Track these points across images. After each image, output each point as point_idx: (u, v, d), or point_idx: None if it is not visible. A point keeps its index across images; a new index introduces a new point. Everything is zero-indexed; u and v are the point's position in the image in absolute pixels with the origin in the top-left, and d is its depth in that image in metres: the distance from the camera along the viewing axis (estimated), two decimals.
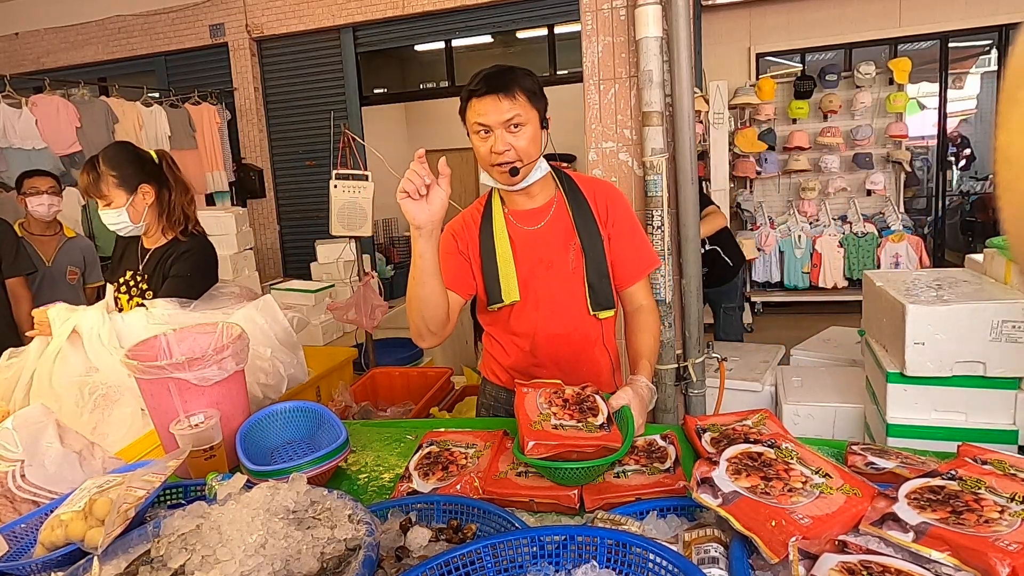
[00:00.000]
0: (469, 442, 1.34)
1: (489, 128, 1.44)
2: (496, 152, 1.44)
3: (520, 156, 1.45)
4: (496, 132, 1.44)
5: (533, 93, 1.46)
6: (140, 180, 1.91)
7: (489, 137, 1.45)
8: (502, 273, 1.55)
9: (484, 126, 1.44)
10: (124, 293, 1.98)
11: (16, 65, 6.84)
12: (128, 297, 1.97)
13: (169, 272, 1.93)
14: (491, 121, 1.43)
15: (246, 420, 1.35)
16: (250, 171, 6.11)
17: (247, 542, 0.83)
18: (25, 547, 1.04)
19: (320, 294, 4.54)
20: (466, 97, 1.47)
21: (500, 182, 1.51)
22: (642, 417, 1.31)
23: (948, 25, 6.02)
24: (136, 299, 1.94)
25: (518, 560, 0.83)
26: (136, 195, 1.91)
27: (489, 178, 1.53)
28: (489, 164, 1.48)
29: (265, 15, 6.07)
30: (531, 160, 1.47)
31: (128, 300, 1.97)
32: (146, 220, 1.96)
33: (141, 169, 1.93)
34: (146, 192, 1.92)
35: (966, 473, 0.91)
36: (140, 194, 1.91)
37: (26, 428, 1.25)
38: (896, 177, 6.20)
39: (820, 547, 0.82)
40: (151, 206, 1.95)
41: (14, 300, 2.77)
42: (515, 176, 1.46)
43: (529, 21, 5.60)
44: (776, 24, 6.42)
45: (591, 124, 2.40)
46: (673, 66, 2.16)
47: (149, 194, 1.93)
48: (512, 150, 1.44)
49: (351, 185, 4.14)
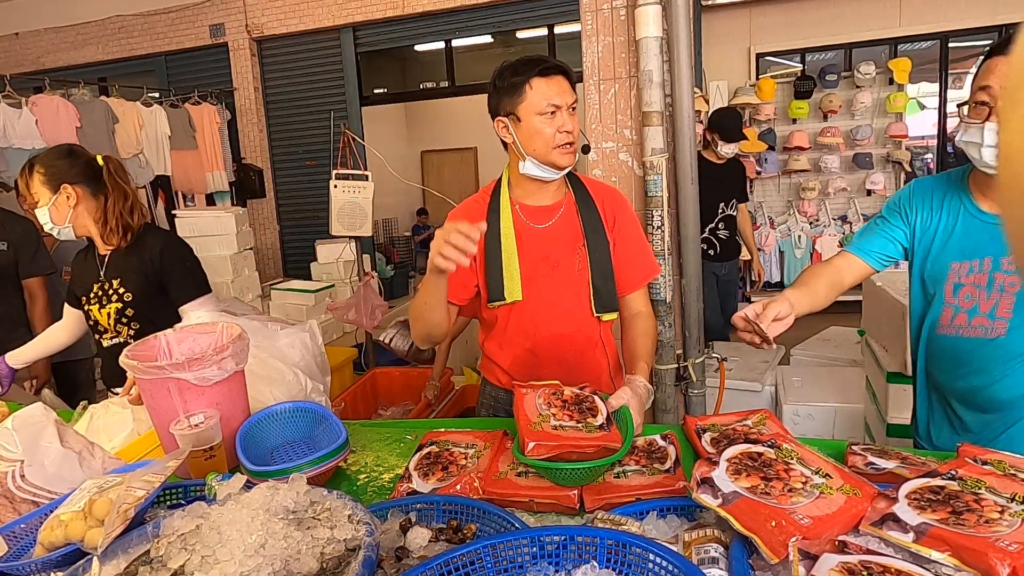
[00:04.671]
0: (469, 442, 1.34)
1: (557, 108, 1.46)
2: (566, 131, 1.46)
3: (574, 139, 1.49)
4: (563, 112, 1.47)
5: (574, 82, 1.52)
6: (64, 180, 1.87)
7: (555, 117, 1.46)
8: (506, 271, 1.55)
9: (556, 106, 1.46)
10: (94, 304, 1.95)
11: (16, 65, 6.83)
12: (99, 307, 1.94)
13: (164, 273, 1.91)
14: (560, 102, 1.45)
15: (246, 420, 1.35)
16: (250, 171, 6.11)
17: (247, 542, 0.83)
18: (25, 547, 1.04)
19: (320, 294, 4.54)
20: (524, 79, 1.46)
21: (560, 164, 1.50)
22: (640, 416, 1.31)
23: (948, 25, 6.01)
24: (113, 304, 1.91)
25: (518, 560, 0.83)
26: (59, 195, 1.86)
27: (535, 166, 1.51)
28: (553, 145, 1.47)
29: (265, 15, 6.07)
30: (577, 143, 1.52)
31: (100, 309, 1.94)
32: (82, 224, 1.92)
33: (69, 169, 1.89)
34: (69, 194, 1.87)
35: (966, 473, 0.91)
36: (63, 194, 1.86)
37: (26, 428, 1.25)
38: (896, 177, 6.20)
39: (820, 547, 0.82)
40: (85, 210, 1.91)
41: (30, 300, 2.78)
42: (586, 153, 1.52)
43: (529, 21, 5.59)
44: (776, 24, 6.42)
45: (591, 124, 2.40)
46: (673, 66, 2.16)
47: (72, 196, 1.88)
48: (573, 133, 1.48)
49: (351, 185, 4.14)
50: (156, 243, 1.94)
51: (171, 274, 1.93)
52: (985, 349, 1.36)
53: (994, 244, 1.32)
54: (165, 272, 1.92)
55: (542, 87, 1.45)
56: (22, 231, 2.77)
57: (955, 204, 1.39)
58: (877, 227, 1.50)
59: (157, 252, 1.92)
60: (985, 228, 1.34)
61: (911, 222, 1.45)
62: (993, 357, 1.35)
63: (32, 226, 2.86)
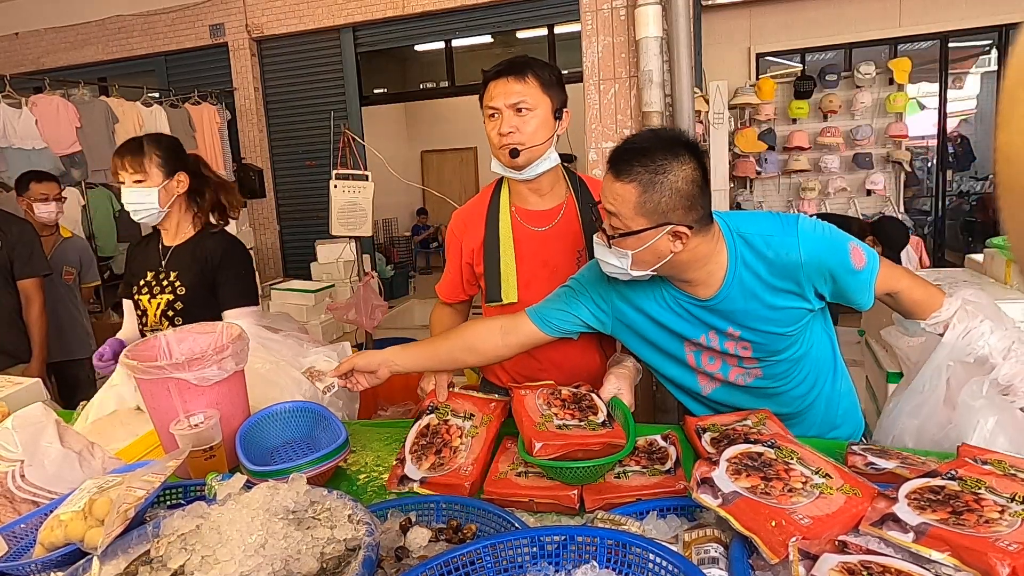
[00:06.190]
0: (468, 411, 1.37)
1: (498, 110, 1.46)
2: (501, 133, 1.46)
3: (524, 140, 1.46)
4: (504, 114, 1.46)
5: (547, 81, 1.48)
6: (180, 167, 1.92)
7: (495, 119, 1.47)
8: (503, 273, 1.55)
9: (494, 108, 1.47)
10: (146, 294, 1.94)
11: (16, 65, 6.83)
12: (150, 296, 1.94)
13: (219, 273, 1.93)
14: (499, 103, 1.46)
15: (246, 420, 1.35)
16: (250, 171, 6.11)
17: (247, 542, 0.83)
18: (25, 547, 1.04)
19: (320, 294, 4.54)
20: (485, 83, 1.49)
21: (504, 164, 1.52)
22: (630, 395, 1.33)
23: (948, 25, 6.01)
24: (165, 296, 1.92)
25: (518, 560, 0.83)
26: (172, 179, 1.91)
27: (498, 164, 1.54)
28: (497, 147, 1.50)
29: (265, 15, 6.07)
30: (535, 145, 1.48)
31: (150, 299, 1.94)
32: (174, 212, 1.95)
33: (185, 158, 1.95)
34: (181, 180, 1.92)
35: (966, 473, 0.91)
36: (176, 179, 1.91)
37: (26, 428, 1.24)
38: (896, 177, 6.20)
39: (820, 547, 0.82)
40: (181, 199, 1.95)
41: (26, 301, 2.77)
42: (515, 158, 1.47)
43: (529, 21, 5.60)
44: (776, 24, 6.42)
45: (591, 124, 2.40)
46: (673, 66, 2.16)
47: (183, 183, 1.92)
48: (517, 132, 1.46)
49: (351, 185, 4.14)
50: (220, 243, 1.97)
51: (225, 276, 1.94)
52: None
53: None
54: (220, 273, 1.94)
55: (490, 90, 1.48)
56: (19, 232, 2.76)
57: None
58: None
59: (218, 252, 1.95)
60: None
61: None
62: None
63: (29, 227, 2.85)
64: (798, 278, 1.22)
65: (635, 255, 1.19)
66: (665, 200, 1.14)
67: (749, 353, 1.30)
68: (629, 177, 1.14)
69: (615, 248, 1.20)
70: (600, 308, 1.37)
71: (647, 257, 1.19)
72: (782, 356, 1.31)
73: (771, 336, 1.27)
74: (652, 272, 1.22)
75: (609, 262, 1.23)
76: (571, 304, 1.38)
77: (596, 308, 1.37)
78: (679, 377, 1.41)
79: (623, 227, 1.17)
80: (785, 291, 1.24)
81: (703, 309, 1.28)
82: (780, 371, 1.33)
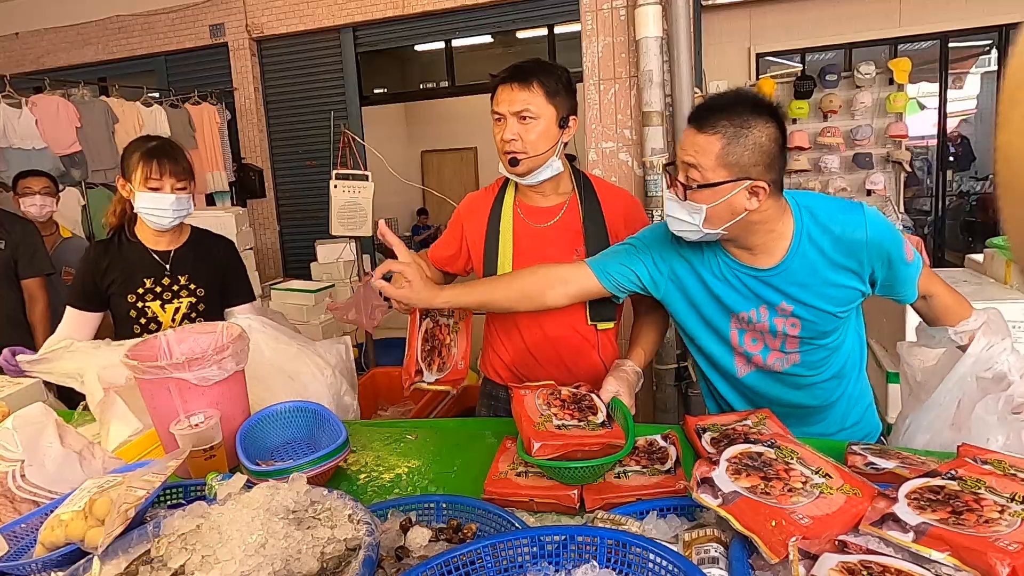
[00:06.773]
0: (448, 311, 1.58)
1: (503, 116, 1.48)
2: (504, 140, 1.48)
3: (526, 148, 1.48)
4: (508, 121, 1.47)
5: (553, 90, 1.48)
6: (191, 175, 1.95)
7: (500, 125, 1.49)
8: (500, 268, 1.57)
9: (499, 114, 1.49)
10: (153, 300, 1.89)
11: (16, 65, 6.83)
12: (162, 302, 1.89)
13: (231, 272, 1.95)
14: (503, 110, 1.47)
15: (246, 420, 1.35)
16: (250, 171, 6.11)
17: (247, 542, 0.83)
18: (25, 547, 1.04)
19: (320, 294, 4.54)
20: (494, 87, 1.51)
21: (506, 170, 1.55)
22: (631, 399, 1.33)
23: (948, 25, 6.01)
24: (185, 299, 1.90)
25: (518, 560, 0.83)
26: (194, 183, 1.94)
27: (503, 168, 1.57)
28: (501, 152, 1.53)
29: (265, 15, 6.07)
30: (537, 154, 1.49)
31: (163, 305, 1.89)
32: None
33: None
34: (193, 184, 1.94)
35: (966, 473, 0.91)
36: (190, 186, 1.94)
37: (26, 428, 1.24)
38: (896, 177, 6.19)
39: (820, 547, 0.82)
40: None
41: (30, 301, 2.77)
42: (514, 167, 1.50)
43: (529, 21, 5.60)
44: (776, 24, 6.42)
45: (591, 124, 2.40)
46: (673, 66, 2.16)
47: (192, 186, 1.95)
48: (519, 140, 1.47)
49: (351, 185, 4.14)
50: (219, 243, 2.00)
51: (235, 274, 1.98)
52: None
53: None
54: (231, 271, 1.97)
55: (497, 95, 1.50)
56: (22, 231, 2.76)
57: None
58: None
59: (225, 252, 1.97)
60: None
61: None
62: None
63: (32, 227, 2.85)
64: (861, 257, 1.24)
65: (709, 210, 1.19)
66: (748, 155, 1.15)
67: (796, 332, 1.31)
68: (713, 129, 1.16)
69: (689, 203, 1.21)
70: (657, 268, 1.39)
71: (721, 212, 1.19)
72: (825, 341, 1.32)
73: (822, 314, 1.28)
74: (723, 231, 1.23)
75: (680, 218, 1.23)
76: (631, 260, 1.40)
77: (654, 267, 1.39)
78: (718, 355, 1.41)
79: (702, 179, 1.18)
80: (845, 268, 1.25)
81: (759, 281, 1.29)
82: (817, 359, 1.35)
